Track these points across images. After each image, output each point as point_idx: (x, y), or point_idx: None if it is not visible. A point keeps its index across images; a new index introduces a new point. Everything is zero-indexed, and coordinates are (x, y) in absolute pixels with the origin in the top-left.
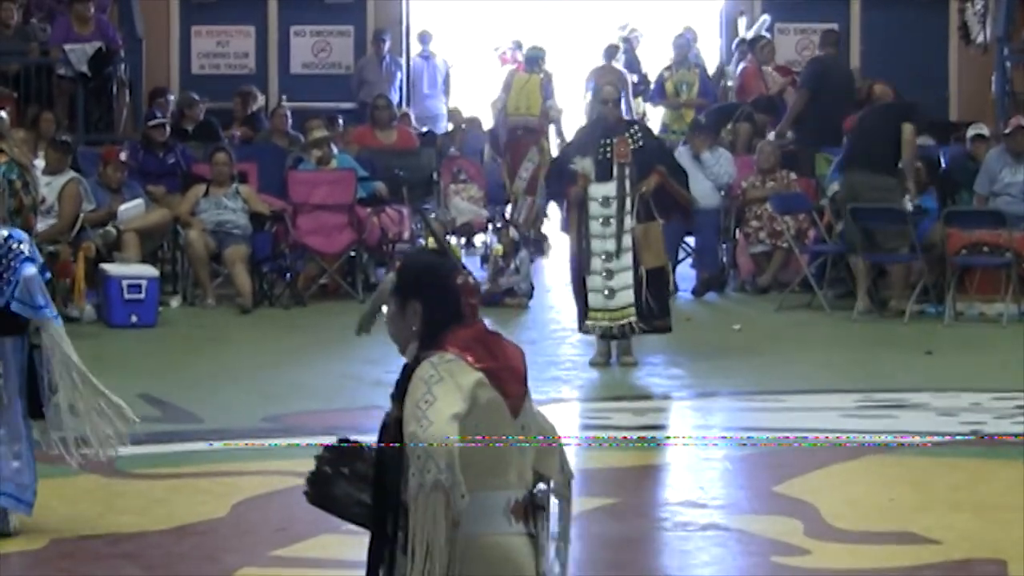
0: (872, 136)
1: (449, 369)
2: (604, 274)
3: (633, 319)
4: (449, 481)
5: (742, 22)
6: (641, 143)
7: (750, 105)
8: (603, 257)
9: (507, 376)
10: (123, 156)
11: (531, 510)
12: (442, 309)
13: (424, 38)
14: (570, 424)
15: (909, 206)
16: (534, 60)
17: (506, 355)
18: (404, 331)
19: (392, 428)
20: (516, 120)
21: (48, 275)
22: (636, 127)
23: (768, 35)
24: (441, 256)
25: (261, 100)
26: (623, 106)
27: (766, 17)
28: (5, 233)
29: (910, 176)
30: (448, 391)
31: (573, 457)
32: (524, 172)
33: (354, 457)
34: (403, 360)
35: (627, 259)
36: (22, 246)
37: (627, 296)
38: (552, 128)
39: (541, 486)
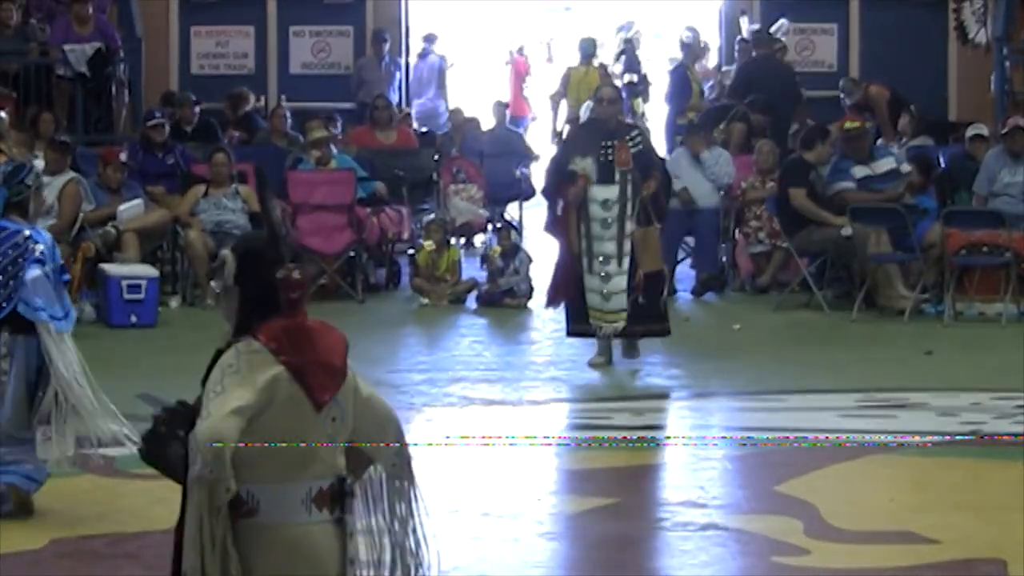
0: (781, 194)
1: (250, 361)
2: (602, 276)
3: (622, 324)
4: (214, 476)
5: (744, 21)
6: (640, 147)
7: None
8: (601, 259)
9: (313, 371)
10: (123, 156)
11: (339, 497)
12: (260, 298)
13: (430, 38)
14: (570, 425)
15: (846, 232)
16: (588, 53)
17: (316, 349)
18: (228, 313)
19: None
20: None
21: (67, 277)
22: (636, 131)
23: (784, 39)
24: (271, 245)
25: (254, 101)
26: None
27: (783, 21)
28: (27, 232)
29: (825, 219)
30: (239, 384)
31: (566, 458)
32: None
33: (190, 422)
34: (401, 357)
35: (625, 264)
36: (38, 247)
37: (621, 301)
38: None
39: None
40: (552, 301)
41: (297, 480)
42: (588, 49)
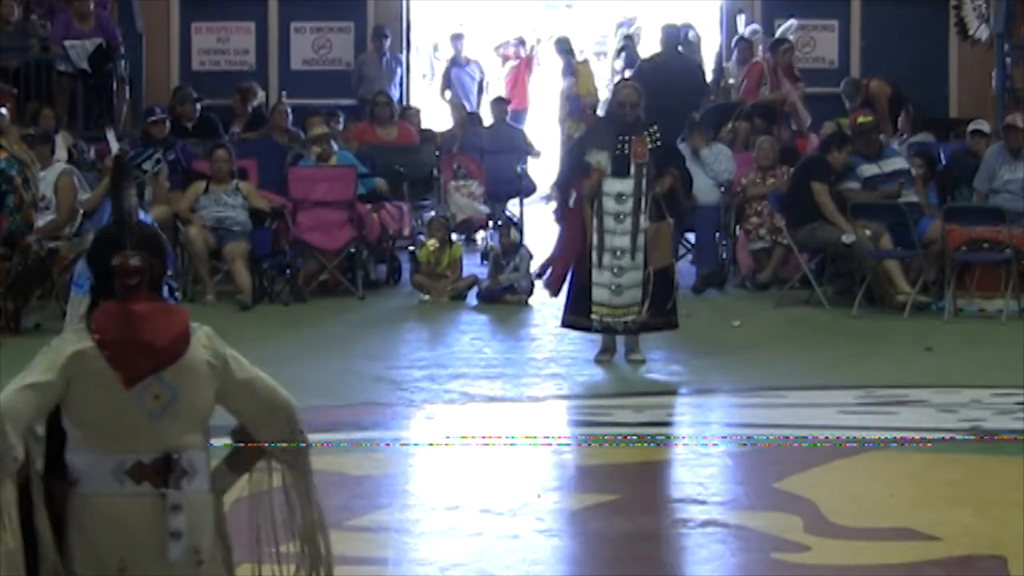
0: (794, 187)
1: (65, 339)
2: (614, 270)
3: (636, 317)
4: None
5: (740, 19)
6: (659, 142)
7: (751, 108)
8: (614, 254)
9: (123, 349)
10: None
11: (164, 471)
12: (102, 283)
13: (456, 40)
14: (571, 421)
15: (846, 239)
16: (567, 49)
17: (135, 330)
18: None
19: None
20: (591, 101)
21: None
22: (654, 127)
23: (792, 38)
24: (117, 233)
25: (261, 96)
26: None
27: (793, 20)
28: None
29: (838, 221)
30: (44, 360)
31: (566, 454)
32: None
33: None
34: (401, 353)
35: (639, 258)
36: None
37: (634, 295)
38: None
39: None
40: (551, 288)
41: (111, 452)
42: (566, 46)
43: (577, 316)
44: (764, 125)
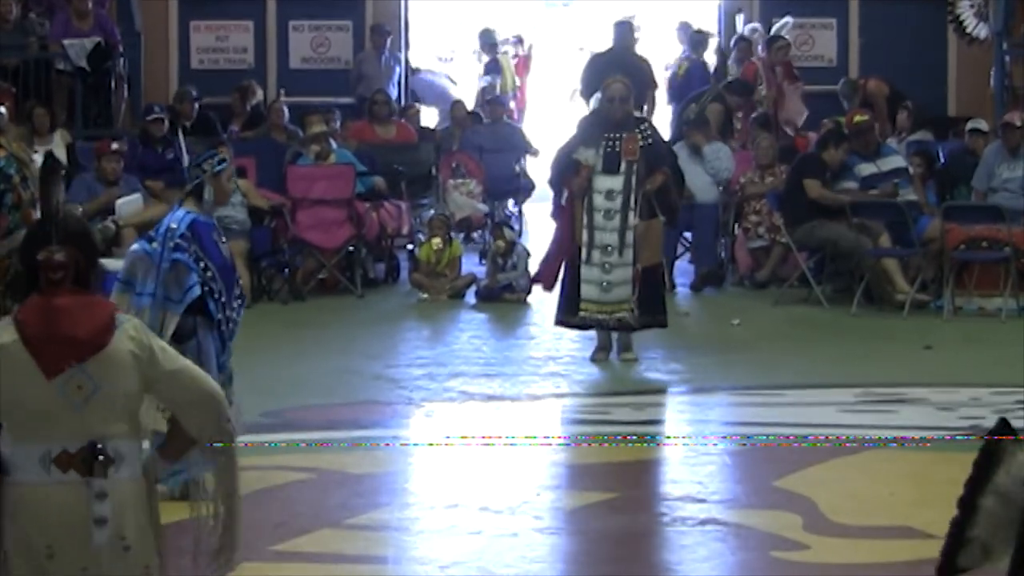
0: (791, 186)
1: None
2: (603, 267)
3: (628, 314)
4: None
5: (739, 19)
6: (650, 140)
7: (724, 88)
8: (603, 250)
9: (45, 342)
10: (114, 146)
11: (89, 460)
12: (28, 276)
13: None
14: (569, 419)
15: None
16: (492, 43)
17: (57, 324)
18: None
19: None
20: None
21: (177, 256)
22: (646, 124)
23: (788, 37)
24: (42, 227)
25: (260, 94)
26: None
27: (789, 19)
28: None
29: (836, 200)
30: None
31: (565, 453)
32: None
33: None
34: (400, 352)
35: (628, 255)
36: (160, 227)
37: (624, 291)
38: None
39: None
40: (535, 281)
41: (35, 441)
42: (491, 39)
43: (568, 315)
44: (739, 101)
